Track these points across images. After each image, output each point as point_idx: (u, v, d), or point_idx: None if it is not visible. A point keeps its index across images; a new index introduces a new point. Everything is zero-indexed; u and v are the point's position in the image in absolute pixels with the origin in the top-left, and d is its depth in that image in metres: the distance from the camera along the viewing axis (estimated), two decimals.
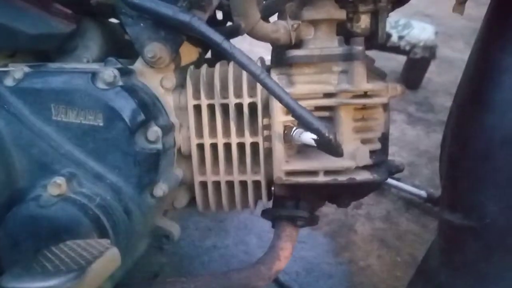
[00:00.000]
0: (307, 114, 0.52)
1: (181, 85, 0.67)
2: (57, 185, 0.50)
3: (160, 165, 0.58)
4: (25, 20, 0.60)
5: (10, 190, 0.51)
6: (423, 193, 1.44)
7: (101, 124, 0.54)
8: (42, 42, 0.63)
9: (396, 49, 1.86)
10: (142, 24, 0.60)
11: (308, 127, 0.53)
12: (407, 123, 1.87)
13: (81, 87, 0.54)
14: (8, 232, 0.48)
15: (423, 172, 1.60)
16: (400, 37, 1.82)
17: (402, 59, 1.97)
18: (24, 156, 0.52)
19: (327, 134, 0.52)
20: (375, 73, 0.65)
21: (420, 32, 1.83)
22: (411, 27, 1.85)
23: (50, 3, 0.62)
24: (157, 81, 0.64)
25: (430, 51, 1.84)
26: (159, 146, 0.58)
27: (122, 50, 0.74)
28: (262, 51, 1.12)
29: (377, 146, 0.66)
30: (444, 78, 2.16)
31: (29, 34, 0.60)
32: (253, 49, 1.40)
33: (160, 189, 0.59)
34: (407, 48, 1.83)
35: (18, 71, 0.56)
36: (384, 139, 0.68)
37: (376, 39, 0.70)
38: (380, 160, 0.66)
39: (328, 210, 1.34)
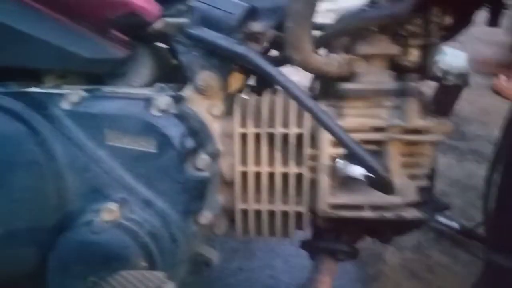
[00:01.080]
0: (361, 151, 0.52)
1: (227, 112, 0.67)
2: (110, 211, 0.50)
3: (206, 193, 0.58)
4: (82, 44, 0.62)
5: (61, 214, 0.52)
6: (455, 224, 1.39)
7: (153, 150, 0.55)
8: (97, 66, 0.64)
9: None
10: (195, 53, 0.61)
11: (362, 164, 0.52)
12: (438, 151, 1.83)
13: (135, 114, 0.55)
14: (58, 256, 0.49)
15: (455, 202, 1.55)
16: None
17: (432, 84, 1.95)
18: (78, 180, 0.53)
19: (381, 173, 0.51)
20: (428, 109, 0.64)
21: (453, 59, 1.81)
22: (444, 54, 1.83)
23: (107, 29, 0.64)
24: (205, 108, 0.65)
25: (463, 78, 1.81)
26: (207, 174, 0.58)
27: (168, 74, 0.75)
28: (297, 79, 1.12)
29: (425, 182, 0.64)
30: (476, 105, 2.11)
31: (85, 58, 0.62)
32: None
33: (205, 216, 0.59)
34: (439, 74, 1.81)
35: (74, 94, 0.58)
36: (431, 176, 0.66)
37: (424, 73, 0.69)
38: (427, 197, 0.64)
39: None
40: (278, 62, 0.68)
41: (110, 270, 0.47)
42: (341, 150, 0.62)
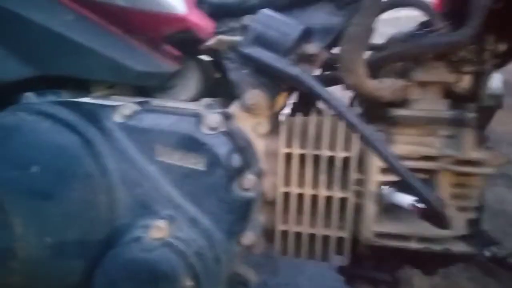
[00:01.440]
0: (418, 183, 0.50)
1: (272, 131, 0.66)
2: (159, 229, 0.50)
3: (251, 214, 0.58)
4: (134, 57, 0.63)
5: (111, 228, 0.51)
6: (485, 251, 1.35)
7: (201, 168, 0.54)
8: (147, 79, 0.65)
9: None
10: (245, 71, 0.61)
11: (416, 194, 0.50)
12: None
13: (186, 131, 0.55)
14: (105, 271, 0.49)
15: (484, 228, 1.51)
16: None
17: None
18: (128, 194, 0.53)
19: (436, 205, 0.49)
20: (483, 140, 0.62)
21: None
22: None
23: (160, 44, 0.64)
24: (250, 126, 0.64)
25: (497, 100, 1.77)
26: (253, 194, 0.57)
27: (211, 87, 0.75)
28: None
29: (473, 215, 0.62)
30: (508, 127, 2.06)
31: (136, 71, 0.62)
32: None
33: (248, 237, 0.58)
34: None
35: (127, 108, 0.58)
36: (480, 208, 0.64)
37: (476, 101, 0.67)
38: (476, 230, 0.62)
39: None
40: (329, 81, 0.67)
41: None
42: (389, 177, 0.60)
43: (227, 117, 0.60)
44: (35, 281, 0.47)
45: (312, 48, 0.57)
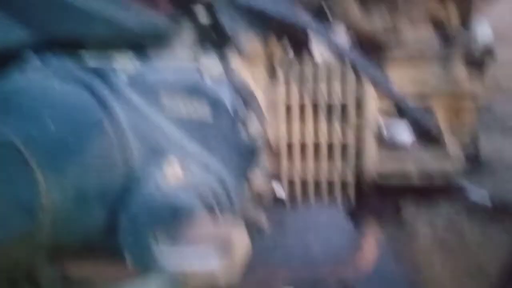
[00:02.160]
0: (412, 107, 0.52)
1: (271, 81, 0.68)
2: (173, 168, 0.53)
3: (258, 160, 0.60)
4: (130, 15, 0.64)
5: (128, 176, 0.54)
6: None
7: (208, 116, 0.57)
8: (143, 36, 0.66)
9: None
10: (239, 18, 0.62)
11: (411, 117, 0.52)
12: None
13: (191, 81, 0.57)
14: (131, 214, 0.50)
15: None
16: None
17: None
18: (141, 145, 0.55)
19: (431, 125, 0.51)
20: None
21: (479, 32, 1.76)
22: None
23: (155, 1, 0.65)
24: (250, 74, 0.66)
25: (487, 51, 1.77)
26: (259, 139, 0.60)
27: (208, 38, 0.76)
28: None
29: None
30: None
31: (132, 28, 0.64)
32: None
33: (257, 183, 0.61)
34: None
35: (131, 65, 0.60)
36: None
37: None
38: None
39: None
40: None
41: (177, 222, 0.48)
42: (387, 119, 0.63)
43: (227, 66, 0.62)
44: (63, 232, 0.50)
45: None
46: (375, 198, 0.68)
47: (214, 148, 0.57)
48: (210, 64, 0.59)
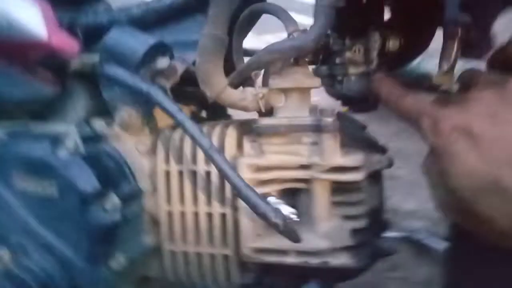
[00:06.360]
0: (254, 196, 0.47)
1: (155, 149, 0.65)
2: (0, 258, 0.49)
3: (117, 237, 0.56)
4: (11, 86, 0.63)
5: None
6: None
7: (55, 193, 0.53)
8: (27, 105, 0.65)
9: None
10: (116, 89, 0.60)
11: (254, 211, 0.47)
12: None
13: (39, 155, 0.54)
14: None
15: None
16: None
17: None
18: None
19: (273, 220, 0.46)
20: (362, 143, 0.58)
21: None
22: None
23: (35, 69, 0.64)
24: (132, 145, 0.63)
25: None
26: (116, 217, 0.55)
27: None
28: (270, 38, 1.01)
29: (362, 223, 0.58)
30: None
31: (14, 99, 0.62)
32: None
33: (117, 261, 0.56)
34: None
35: None
36: (375, 214, 0.60)
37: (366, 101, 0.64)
38: (364, 240, 0.58)
39: None
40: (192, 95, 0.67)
41: None
42: (264, 189, 0.58)
43: (94, 138, 0.59)
44: None
45: (163, 62, 0.56)
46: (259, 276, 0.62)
47: (61, 228, 0.53)
48: (70, 135, 0.56)
